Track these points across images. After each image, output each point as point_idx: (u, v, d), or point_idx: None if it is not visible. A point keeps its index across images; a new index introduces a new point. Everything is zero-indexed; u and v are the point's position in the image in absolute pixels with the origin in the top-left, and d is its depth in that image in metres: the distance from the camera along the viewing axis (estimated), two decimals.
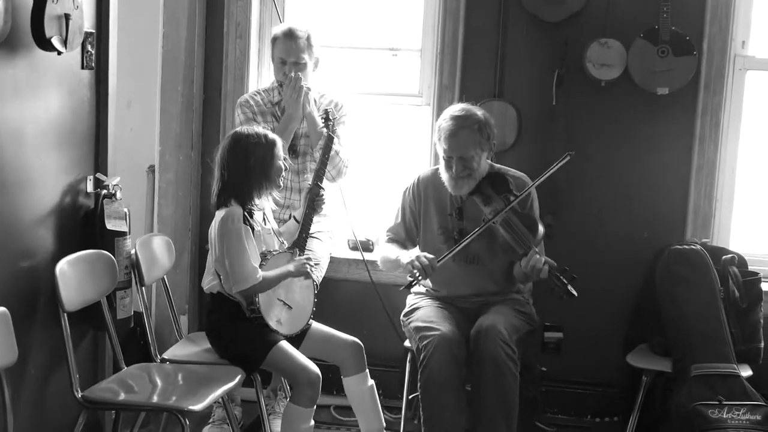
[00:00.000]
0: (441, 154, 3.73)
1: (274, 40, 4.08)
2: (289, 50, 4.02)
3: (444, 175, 3.76)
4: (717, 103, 4.17)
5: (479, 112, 3.73)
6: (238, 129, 3.50)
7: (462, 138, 3.66)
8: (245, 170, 3.36)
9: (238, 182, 3.37)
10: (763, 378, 3.87)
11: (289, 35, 4.02)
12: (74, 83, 3.46)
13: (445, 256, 3.63)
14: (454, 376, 3.49)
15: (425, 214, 3.89)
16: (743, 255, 4.07)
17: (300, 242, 3.61)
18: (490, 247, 3.73)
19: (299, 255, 3.57)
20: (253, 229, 3.42)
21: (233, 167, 3.37)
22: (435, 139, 3.79)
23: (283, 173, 3.47)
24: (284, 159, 3.47)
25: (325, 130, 3.79)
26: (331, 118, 3.82)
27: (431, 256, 3.62)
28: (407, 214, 3.94)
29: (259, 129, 3.47)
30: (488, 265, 3.79)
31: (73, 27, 3.15)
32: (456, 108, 3.75)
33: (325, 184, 4.07)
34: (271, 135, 3.44)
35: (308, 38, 4.04)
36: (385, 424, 3.70)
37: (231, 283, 3.37)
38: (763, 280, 4.03)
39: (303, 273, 3.54)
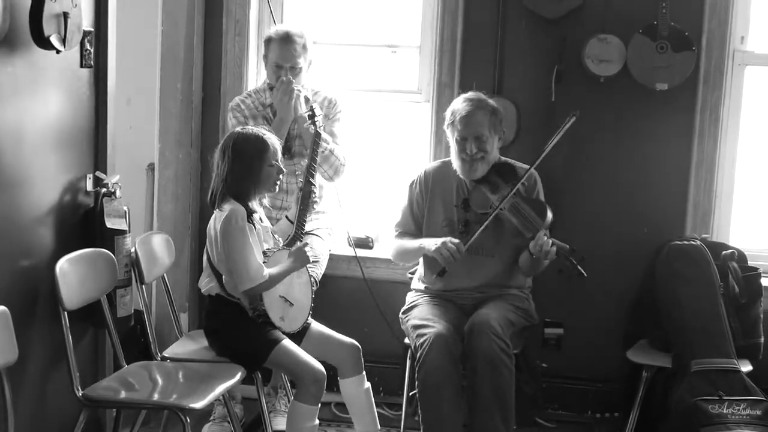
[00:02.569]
0: (454, 137, 3.71)
1: (269, 41, 4.04)
2: (287, 55, 3.99)
3: (456, 162, 3.74)
4: (716, 98, 4.17)
5: (489, 100, 3.77)
6: (236, 129, 3.50)
7: (477, 118, 3.68)
8: (240, 171, 3.36)
9: (233, 183, 3.36)
10: (763, 373, 3.88)
11: (287, 39, 3.99)
12: (73, 81, 3.46)
13: (471, 240, 3.63)
14: (451, 373, 3.50)
15: (430, 206, 3.88)
16: (743, 250, 4.06)
17: (295, 240, 3.60)
18: (495, 237, 3.73)
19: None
20: (254, 227, 3.42)
21: (229, 167, 3.37)
22: (446, 125, 3.77)
23: (282, 176, 3.47)
24: (279, 162, 3.45)
25: (312, 127, 3.79)
26: (316, 114, 3.80)
27: (457, 240, 3.61)
28: (414, 207, 3.93)
29: (257, 130, 3.46)
30: (492, 256, 3.79)
31: (72, 25, 3.15)
32: (467, 94, 3.79)
33: (322, 182, 4.09)
34: (267, 137, 3.43)
35: (305, 42, 4.02)
36: (380, 426, 3.71)
37: (236, 282, 3.36)
38: (762, 275, 4.03)
39: (305, 262, 3.54)
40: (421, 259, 3.89)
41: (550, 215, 3.63)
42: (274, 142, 3.44)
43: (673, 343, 3.87)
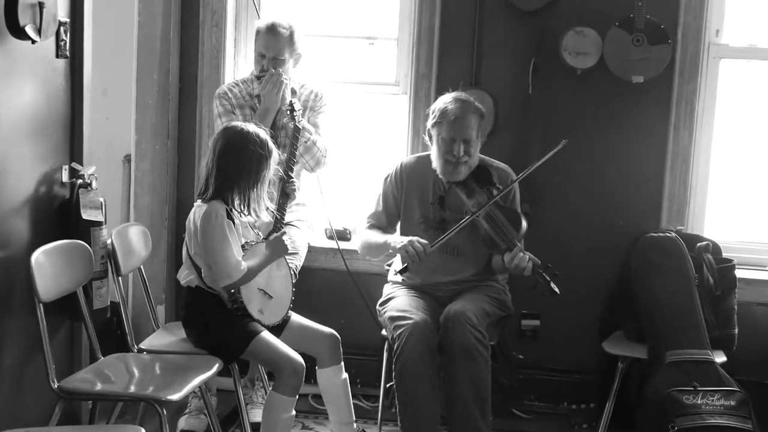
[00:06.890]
0: (440, 136, 3.68)
1: (257, 33, 4.04)
2: (269, 45, 3.99)
3: (438, 161, 3.72)
4: (691, 91, 4.19)
5: (477, 102, 3.76)
6: (241, 126, 3.40)
7: (468, 121, 3.66)
8: (241, 171, 3.32)
9: (231, 180, 3.33)
10: (737, 364, 3.91)
11: (271, 30, 3.99)
12: (49, 72, 3.43)
13: (438, 242, 3.62)
14: (428, 365, 3.51)
15: (407, 201, 3.88)
16: (717, 242, 4.09)
17: (275, 231, 3.60)
18: (471, 238, 3.73)
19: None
20: (233, 222, 3.40)
21: (230, 164, 3.32)
22: (431, 122, 3.73)
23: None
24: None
25: (291, 122, 3.79)
26: (296, 110, 3.81)
27: (425, 241, 3.60)
28: (389, 201, 3.92)
29: (262, 132, 3.40)
30: (468, 256, 3.80)
31: (48, 15, 3.13)
32: (456, 94, 3.76)
33: (303, 174, 4.10)
34: (271, 143, 3.40)
35: (291, 35, 4.01)
36: (355, 417, 3.71)
37: (215, 277, 3.34)
38: (737, 266, 4.06)
39: (283, 251, 3.53)
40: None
41: (524, 226, 3.63)
42: (273, 147, 3.41)
43: (649, 335, 3.90)
